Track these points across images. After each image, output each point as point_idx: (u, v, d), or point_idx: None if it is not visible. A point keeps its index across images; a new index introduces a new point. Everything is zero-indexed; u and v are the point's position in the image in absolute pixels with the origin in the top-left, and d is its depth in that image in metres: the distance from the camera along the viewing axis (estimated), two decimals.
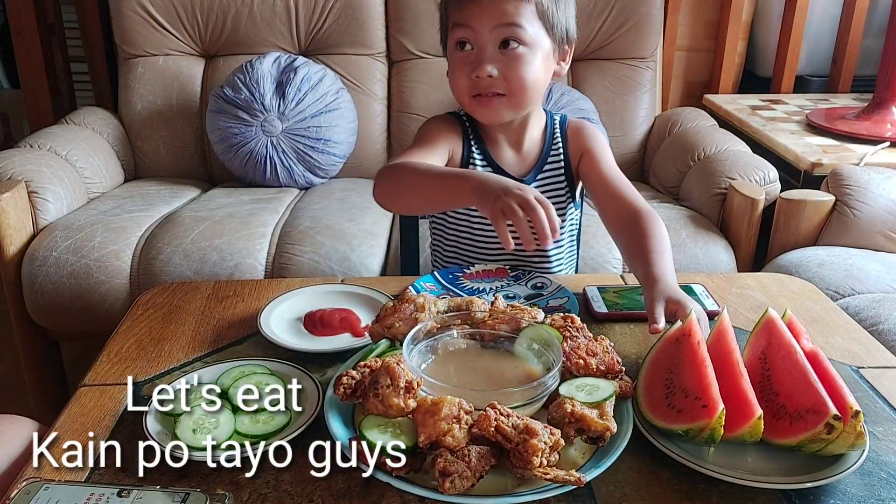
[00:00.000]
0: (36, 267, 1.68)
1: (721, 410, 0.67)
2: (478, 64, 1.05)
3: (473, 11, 1.04)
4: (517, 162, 1.17)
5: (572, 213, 1.21)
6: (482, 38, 1.04)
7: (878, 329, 1.34)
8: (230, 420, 0.74)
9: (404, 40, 2.26)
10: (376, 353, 0.82)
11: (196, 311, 1.02)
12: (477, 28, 1.04)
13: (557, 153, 1.18)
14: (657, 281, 0.91)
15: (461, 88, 1.08)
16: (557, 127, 1.19)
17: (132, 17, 2.19)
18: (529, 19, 1.04)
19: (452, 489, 0.64)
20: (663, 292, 0.88)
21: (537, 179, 1.17)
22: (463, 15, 1.05)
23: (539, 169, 1.17)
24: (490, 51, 1.05)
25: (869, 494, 0.68)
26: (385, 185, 1.05)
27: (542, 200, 0.85)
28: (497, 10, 1.03)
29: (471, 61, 1.06)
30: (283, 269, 1.69)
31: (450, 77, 1.11)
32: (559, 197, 1.18)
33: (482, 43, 1.05)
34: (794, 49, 2.48)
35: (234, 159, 2.07)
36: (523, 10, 1.04)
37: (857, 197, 1.70)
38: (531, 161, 1.18)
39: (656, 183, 2.19)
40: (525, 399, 0.72)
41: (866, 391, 0.85)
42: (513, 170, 1.17)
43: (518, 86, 1.06)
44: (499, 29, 1.04)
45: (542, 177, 1.17)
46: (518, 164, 1.17)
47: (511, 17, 1.03)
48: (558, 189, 1.18)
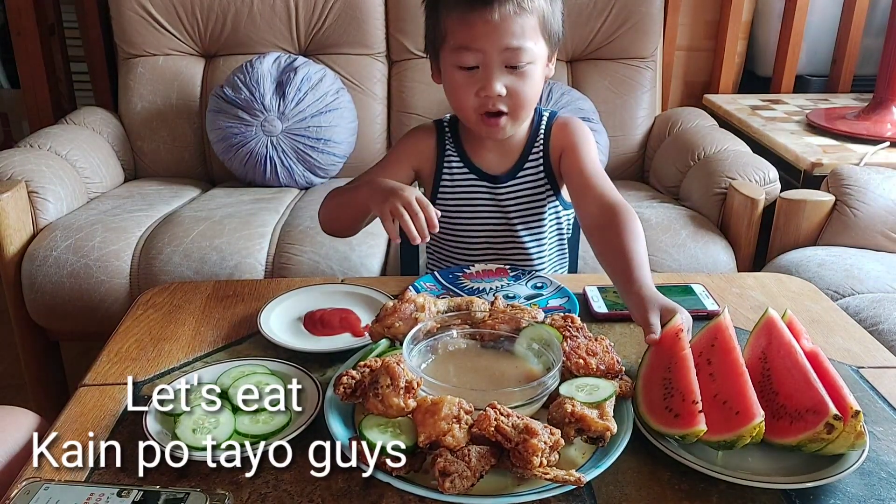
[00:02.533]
0: (36, 267, 1.67)
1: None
2: (486, 83, 1.04)
3: (482, 32, 1.02)
4: (498, 161, 1.18)
5: (555, 211, 1.21)
6: (490, 59, 1.03)
7: (878, 329, 1.34)
8: (230, 420, 0.74)
9: (404, 40, 2.26)
10: (376, 352, 0.82)
11: (196, 310, 1.02)
12: (486, 50, 1.03)
13: (538, 151, 1.18)
14: (643, 287, 0.89)
15: (468, 107, 1.08)
16: (544, 124, 1.18)
17: (132, 17, 2.18)
18: (533, 34, 1.04)
19: (452, 489, 0.64)
20: (655, 300, 0.86)
21: (516, 178, 1.17)
22: (470, 37, 1.02)
23: (520, 167, 1.17)
24: (497, 70, 1.04)
25: (869, 494, 0.68)
26: (323, 216, 1.20)
27: (421, 201, 0.97)
28: (507, 30, 1.01)
29: (477, 80, 1.05)
30: (283, 269, 1.69)
31: (452, 94, 1.09)
32: (538, 194, 1.18)
33: (490, 64, 1.04)
34: (794, 49, 2.48)
35: (234, 159, 2.06)
36: (528, 25, 1.03)
37: (857, 197, 1.70)
38: (512, 159, 1.18)
39: (656, 183, 2.19)
40: (525, 399, 0.72)
41: (866, 391, 0.85)
42: (491, 169, 1.17)
43: (523, 103, 1.07)
44: (508, 52, 1.03)
45: (522, 174, 1.17)
46: (498, 162, 1.18)
47: (519, 40, 1.02)
48: (538, 186, 1.18)
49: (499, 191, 1.17)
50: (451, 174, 1.18)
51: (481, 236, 1.20)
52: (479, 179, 1.17)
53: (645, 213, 1.86)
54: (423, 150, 1.18)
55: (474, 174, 1.17)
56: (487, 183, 1.17)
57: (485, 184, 1.17)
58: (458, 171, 1.18)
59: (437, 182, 1.18)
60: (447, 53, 1.07)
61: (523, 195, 1.18)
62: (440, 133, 1.19)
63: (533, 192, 1.18)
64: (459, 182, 1.18)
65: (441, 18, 1.07)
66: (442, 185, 1.18)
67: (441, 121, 1.21)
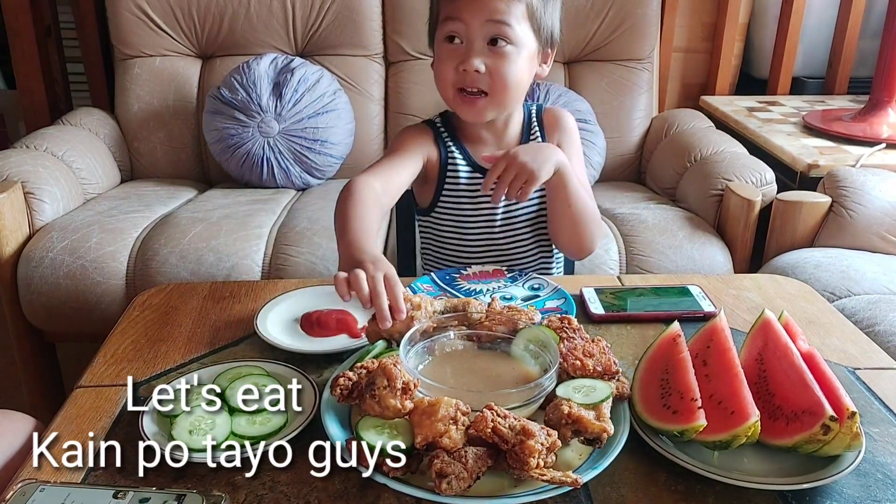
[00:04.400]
0: (32, 268, 1.67)
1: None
2: (466, 57, 1.06)
3: (466, 4, 1.05)
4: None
5: None
6: (472, 31, 1.06)
7: (875, 330, 1.34)
8: (226, 421, 0.74)
9: (401, 41, 2.26)
10: (373, 354, 0.82)
11: (192, 312, 1.02)
12: (468, 21, 1.05)
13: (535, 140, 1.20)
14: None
15: (446, 80, 1.10)
16: (534, 117, 1.21)
17: (129, 18, 2.18)
18: (519, 19, 1.06)
19: (449, 490, 0.64)
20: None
21: None
22: (455, 8, 1.06)
23: None
24: (478, 45, 1.06)
25: (865, 495, 0.68)
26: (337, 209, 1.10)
27: (389, 281, 0.83)
28: (489, 6, 1.05)
29: (459, 54, 1.07)
30: (280, 270, 1.69)
31: (435, 69, 1.12)
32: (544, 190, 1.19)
33: (471, 37, 1.06)
34: (791, 51, 2.49)
35: (230, 160, 2.06)
36: (514, 8, 1.05)
37: (854, 198, 1.71)
38: None
39: (653, 184, 2.20)
40: (522, 400, 0.72)
41: (862, 392, 0.85)
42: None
43: (502, 84, 1.08)
44: (489, 25, 1.05)
45: None
46: None
47: (502, 15, 1.05)
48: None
49: None
50: (455, 171, 1.18)
51: (482, 234, 1.20)
52: (483, 175, 1.18)
53: (641, 214, 1.86)
54: (427, 145, 1.18)
55: (479, 173, 1.18)
56: None
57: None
58: (462, 166, 1.18)
59: (443, 178, 1.19)
60: (438, 31, 1.10)
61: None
62: (435, 131, 1.20)
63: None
64: (463, 177, 1.18)
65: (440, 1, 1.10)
66: (447, 183, 1.19)
67: (431, 121, 1.21)
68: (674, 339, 0.79)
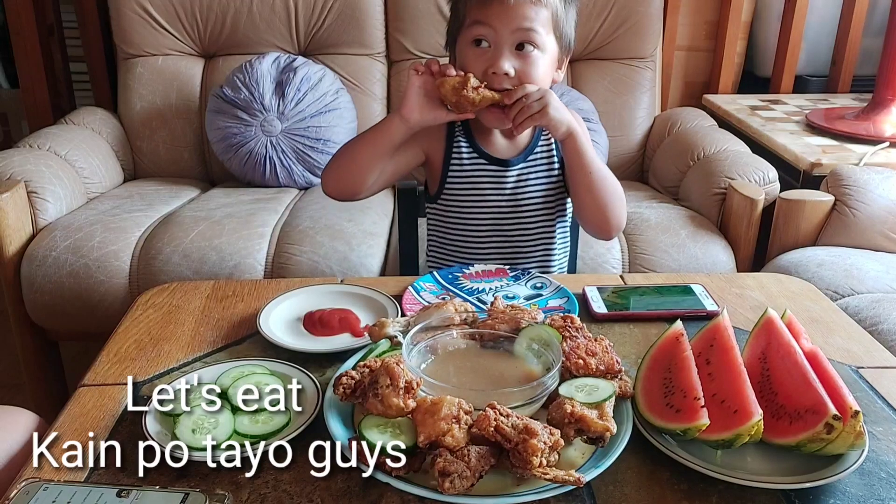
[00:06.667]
0: (35, 267, 1.67)
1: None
2: (495, 59, 1.08)
3: (496, 11, 1.07)
4: (508, 147, 1.21)
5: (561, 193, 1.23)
6: (501, 37, 1.08)
7: (878, 329, 1.34)
8: (229, 420, 0.74)
9: (404, 40, 2.26)
10: (376, 353, 0.82)
11: (195, 311, 1.02)
12: (498, 27, 1.07)
13: (548, 136, 1.21)
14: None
15: None
16: None
17: (131, 17, 2.18)
18: (545, 25, 1.09)
19: (452, 489, 0.64)
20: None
21: (527, 161, 1.20)
22: (485, 14, 1.08)
23: (530, 150, 1.21)
24: (507, 50, 1.08)
25: (869, 494, 0.68)
26: (330, 174, 1.16)
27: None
28: (519, 13, 1.07)
29: (487, 58, 1.09)
30: (283, 269, 1.69)
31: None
32: (551, 178, 1.21)
33: (500, 42, 1.08)
34: (794, 49, 2.48)
35: (233, 159, 2.06)
36: (541, 15, 1.08)
37: (857, 197, 1.70)
38: (522, 146, 1.21)
39: (656, 183, 2.19)
40: (524, 399, 0.72)
41: (866, 391, 0.85)
42: (500, 153, 1.20)
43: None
44: (518, 32, 1.08)
45: (532, 159, 1.21)
46: (507, 147, 1.21)
47: (531, 22, 1.08)
48: (548, 168, 1.21)
49: (508, 174, 1.19)
50: (460, 158, 1.19)
51: (488, 220, 1.21)
52: (489, 164, 1.19)
53: (644, 213, 1.86)
54: (434, 132, 1.19)
55: (484, 159, 1.19)
56: (496, 167, 1.19)
57: (493, 168, 1.19)
58: (467, 155, 1.19)
59: (447, 166, 1.19)
60: (463, 34, 1.11)
61: (532, 178, 1.20)
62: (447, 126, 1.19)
63: (545, 176, 1.21)
64: (468, 166, 1.19)
65: (467, 5, 1.12)
66: (451, 170, 1.20)
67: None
68: (677, 338, 0.79)
